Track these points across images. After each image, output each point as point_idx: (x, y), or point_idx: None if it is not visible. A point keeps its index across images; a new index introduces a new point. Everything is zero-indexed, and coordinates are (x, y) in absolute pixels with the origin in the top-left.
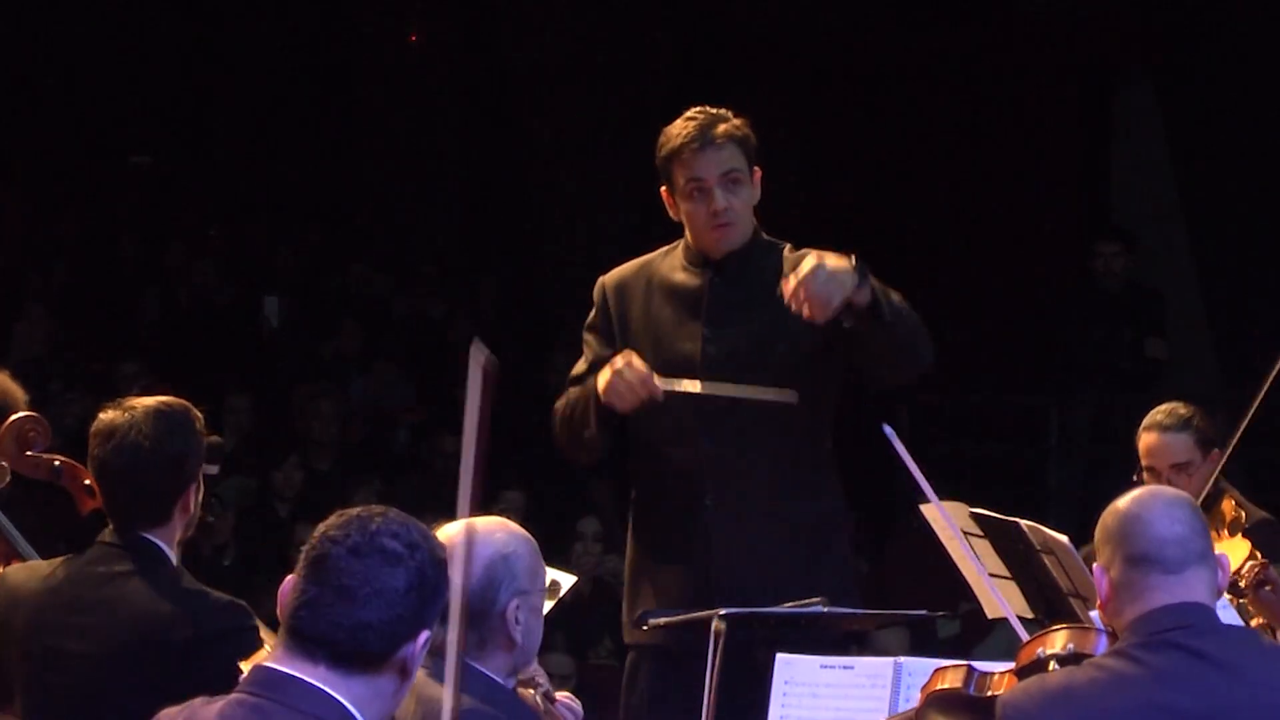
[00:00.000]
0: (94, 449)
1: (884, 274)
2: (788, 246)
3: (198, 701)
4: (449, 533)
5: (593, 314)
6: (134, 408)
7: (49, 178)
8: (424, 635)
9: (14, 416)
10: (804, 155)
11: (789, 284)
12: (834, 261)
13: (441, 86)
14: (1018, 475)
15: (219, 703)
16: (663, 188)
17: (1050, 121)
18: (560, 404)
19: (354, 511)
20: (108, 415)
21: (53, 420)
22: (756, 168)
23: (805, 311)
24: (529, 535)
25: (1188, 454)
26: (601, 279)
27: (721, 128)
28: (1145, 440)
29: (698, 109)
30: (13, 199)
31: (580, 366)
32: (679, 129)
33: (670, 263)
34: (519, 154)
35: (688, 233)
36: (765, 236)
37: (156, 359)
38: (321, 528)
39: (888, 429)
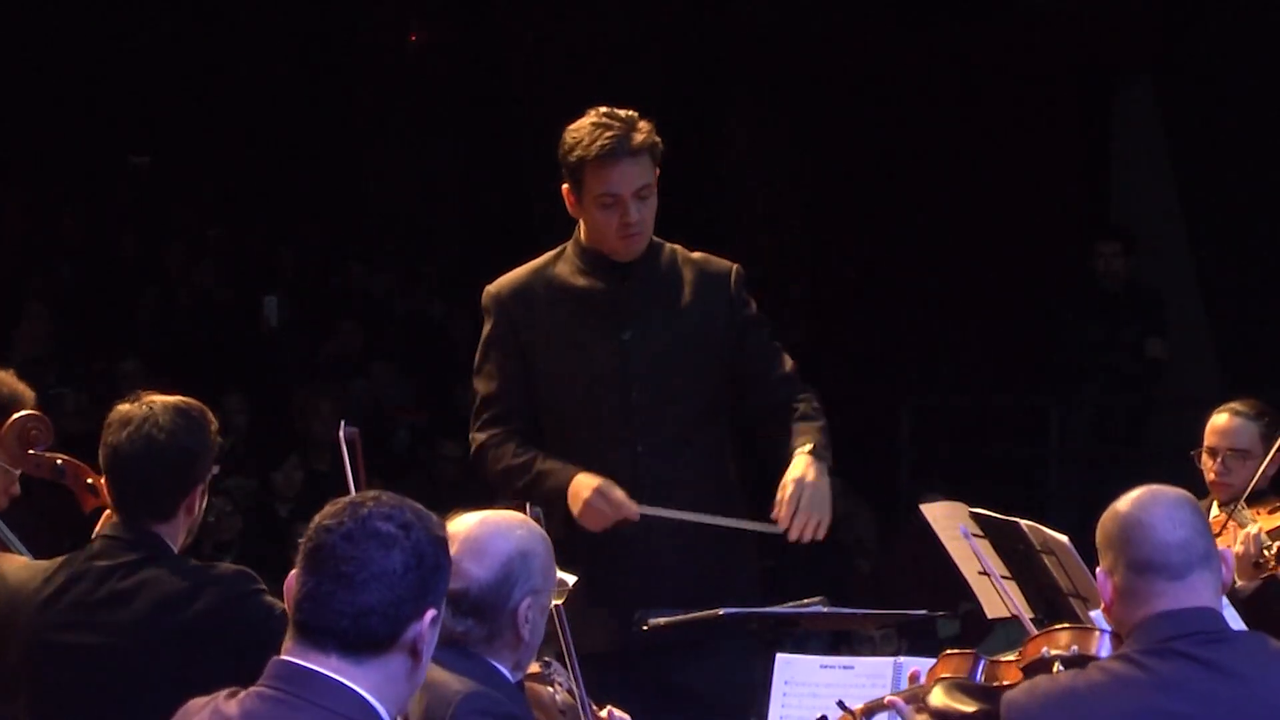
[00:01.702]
0: (108, 436)
1: (884, 274)
2: (677, 247)
3: (222, 694)
4: (466, 523)
5: (490, 326)
6: (153, 402)
7: (49, 178)
8: (430, 614)
9: (16, 415)
10: (804, 155)
11: (782, 511)
12: (811, 474)
13: (441, 86)
14: (1018, 475)
15: (241, 695)
16: (564, 185)
17: (1050, 121)
18: (501, 461)
19: (345, 499)
20: (126, 407)
21: (52, 419)
22: (657, 169)
23: (807, 535)
24: (544, 533)
25: (1250, 442)
26: (490, 289)
27: (637, 139)
28: (1215, 420)
29: (606, 111)
30: (13, 199)
31: (488, 387)
32: (591, 135)
33: (564, 268)
34: (519, 154)
35: (584, 236)
36: (654, 238)
37: (156, 358)
38: (316, 519)
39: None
